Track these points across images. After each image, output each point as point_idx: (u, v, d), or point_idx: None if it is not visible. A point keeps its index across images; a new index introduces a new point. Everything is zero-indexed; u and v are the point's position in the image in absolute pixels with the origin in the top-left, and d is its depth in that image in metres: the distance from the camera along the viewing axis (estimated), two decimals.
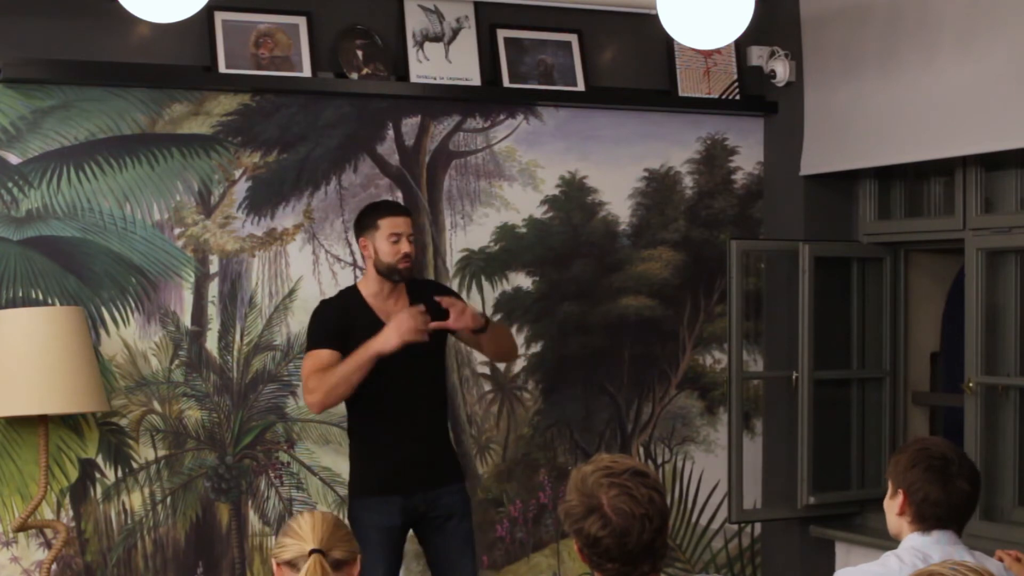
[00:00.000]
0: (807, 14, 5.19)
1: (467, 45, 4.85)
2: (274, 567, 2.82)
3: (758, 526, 5.38)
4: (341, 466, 4.73)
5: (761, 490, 5.32)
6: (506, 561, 4.97)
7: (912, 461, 3.09)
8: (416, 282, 4.42)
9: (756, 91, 5.30)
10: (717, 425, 5.29)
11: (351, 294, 4.33)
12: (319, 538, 2.76)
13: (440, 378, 4.39)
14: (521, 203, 4.99)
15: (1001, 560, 3.28)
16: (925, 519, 3.07)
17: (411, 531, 4.36)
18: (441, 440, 4.39)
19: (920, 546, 3.05)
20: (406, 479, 4.25)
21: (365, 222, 4.29)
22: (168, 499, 4.53)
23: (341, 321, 4.22)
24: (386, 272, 4.25)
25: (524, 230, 5.01)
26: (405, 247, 4.24)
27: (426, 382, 4.31)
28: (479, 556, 4.89)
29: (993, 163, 4.72)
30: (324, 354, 4.18)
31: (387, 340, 4.10)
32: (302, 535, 2.78)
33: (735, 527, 5.31)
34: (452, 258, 4.90)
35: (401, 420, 4.24)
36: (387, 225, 4.23)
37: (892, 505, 3.14)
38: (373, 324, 4.19)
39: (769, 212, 5.38)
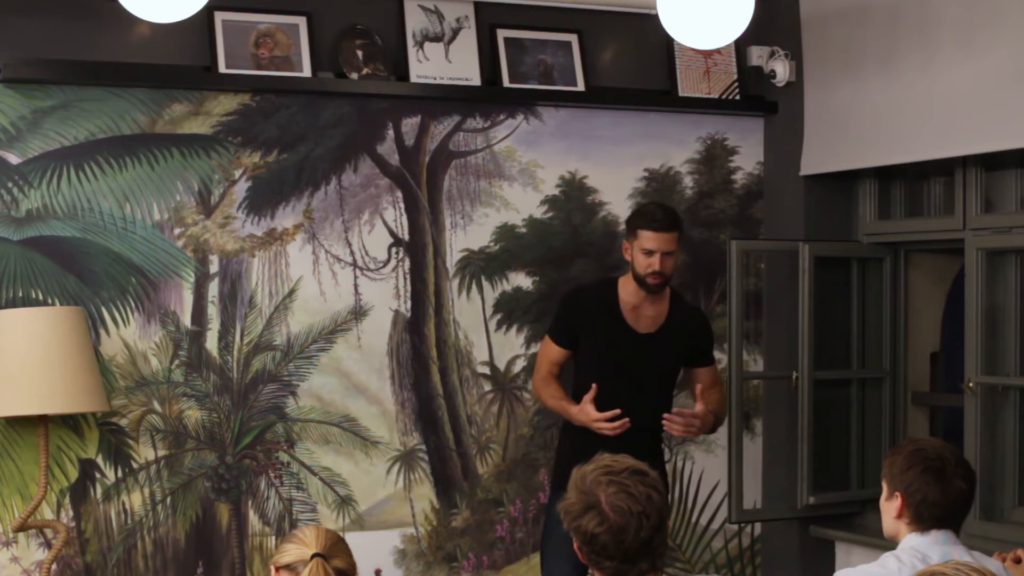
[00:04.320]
0: (807, 14, 5.19)
1: (467, 45, 4.85)
2: (272, 573, 2.84)
3: (758, 526, 5.38)
4: (341, 466, 4.73)
5: (761, 490, 5.32)
6: (506, 561, 4.97)
7: (908, 463, 3.08)
8: (684, 304, 4.50)
9: (756, 91, 5.30)
10: None
11: (609, 288, 4.41)
12: (322, 545, 2.81)
13: (665, 401, 4.39)
14: (521, 203, 4.99)
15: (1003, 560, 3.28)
16: (923, 520, 3.06)
17: None
18: (655, 458, 4.29)
19: (919, 546, 3.05)
20: None
21: (631, 226, 4.35)
22: (168, 499, 4.53)
23: (580, 318, 4.35)
24: (637, 279, 4.32)
25: (524, 230, 5.01)
26: (655, 264, 4.26)
27: (654, 397, 4.33)
28: (479, 556, 4.90)
29: (993, 163, 4.72)
30: (555, 351, 4.41)
31: (578, 419, 4.28)
32: (305, 542, 2.82)
33: (735, 527, 5.31)
34: (452, 258, 4.90)
35: (625, 430, 4.22)
36: (644, 239, 4.28)
37: (889, 508, 3.12)
38: (613, 323, 4.32)
39: (769, 212, 5.38)
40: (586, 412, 4.24)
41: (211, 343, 4.59)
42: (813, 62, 5.18)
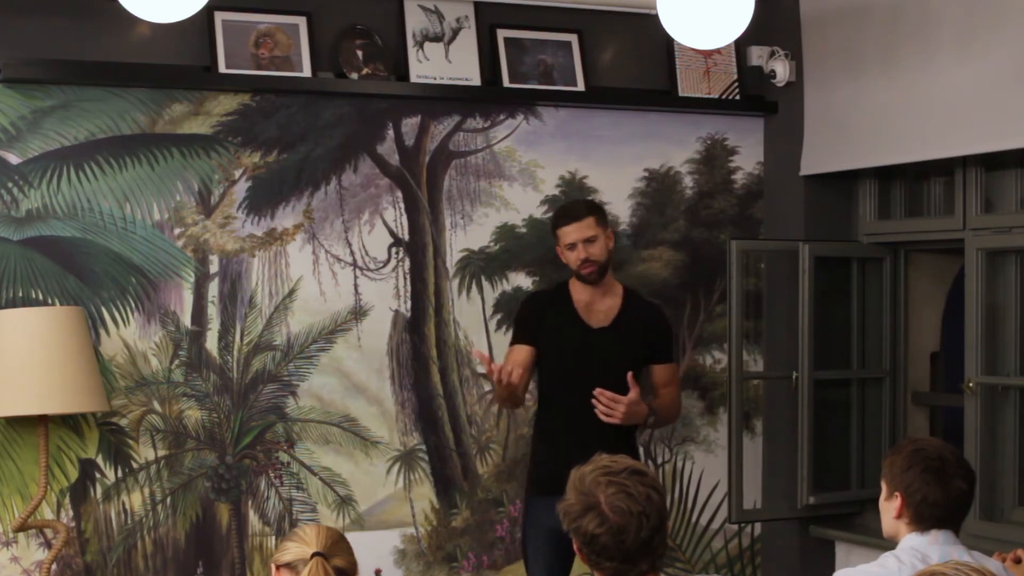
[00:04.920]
0: (807, 14, 5.19)
1: (467, 45, 4.85)
2: (272, 571, 2.84)
3: (758, 526, 5.38)
4: (341, 466, 4.73)
5: (761, 490, 5.32)
6: (506, 561, 4.97)
7: (908, 463, 3.08)
8: (639, 300, 4.56)
9: (756, 91, 5.30)
10: (717, 425, 5.29)
11: (562, 288, 4.51)
12: (322, 544, 2.80)
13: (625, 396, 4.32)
14: (521, 203, 5.00)
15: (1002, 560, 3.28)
16: (923, 520, 3.07)
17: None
18: (626, 450, 4.15)
19: (918, 546, 3.05)
20: None
21: (552, 231, 4.48)
22: (168, 499, 4.53)
23: (538, 318, 4.45)
24: (577, 276, 4.42)
25: (524, 230, 5.01)
26: (581, 253, 4.36)
27: (612, 391, 4.28)
28: (479, 556, 4.90)
29: (993, 163, 4.72)
30: (521, 351, 4.43)
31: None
32: (305, 540, 2.82)
33: (735, 527, 5.31)
34: (452, 258, 4.90)
35: (586, 426, 4.28)
36: (563, 235, 4.42)
37: (889, 507, 3.13)
38: (568, 319, 4.42)
39: (769, 212, 5.38)
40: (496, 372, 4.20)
41: (211, 343, 4.59)
42: (813, 62, 5.18)
